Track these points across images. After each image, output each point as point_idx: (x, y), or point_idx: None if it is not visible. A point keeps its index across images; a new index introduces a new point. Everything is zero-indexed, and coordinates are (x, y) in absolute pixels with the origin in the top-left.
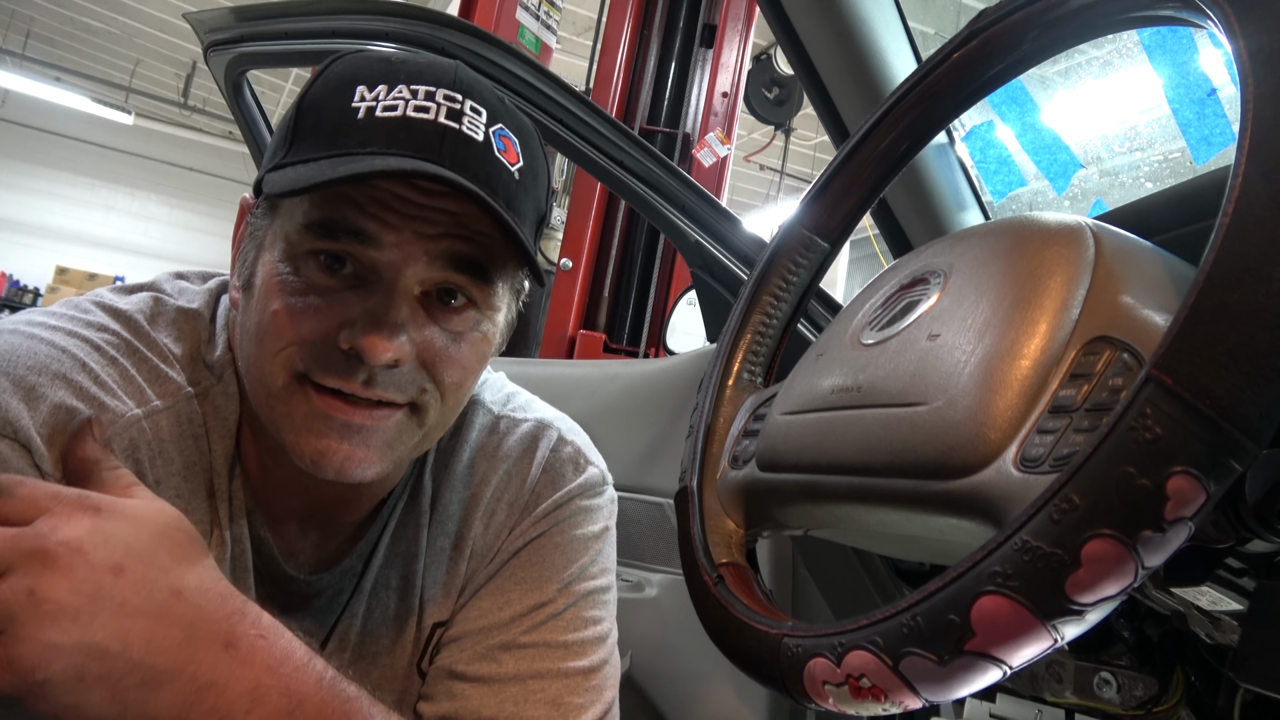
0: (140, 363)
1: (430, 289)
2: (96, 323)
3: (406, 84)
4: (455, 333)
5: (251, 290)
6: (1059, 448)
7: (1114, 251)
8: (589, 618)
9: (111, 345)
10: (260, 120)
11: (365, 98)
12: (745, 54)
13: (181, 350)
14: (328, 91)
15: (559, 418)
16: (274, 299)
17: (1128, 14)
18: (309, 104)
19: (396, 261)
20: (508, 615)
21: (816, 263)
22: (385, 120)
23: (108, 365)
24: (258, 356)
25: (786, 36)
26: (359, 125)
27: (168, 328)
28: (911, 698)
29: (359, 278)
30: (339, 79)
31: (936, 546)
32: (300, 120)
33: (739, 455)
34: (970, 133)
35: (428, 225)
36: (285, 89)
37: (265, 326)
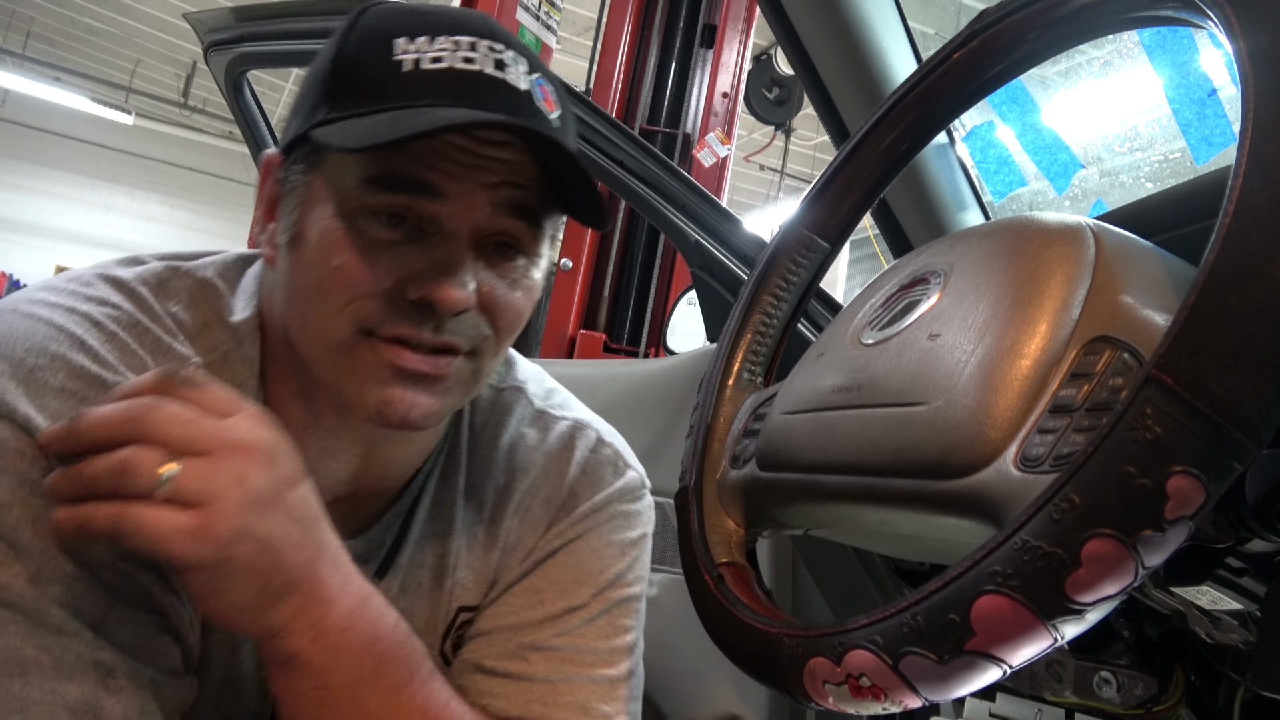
0: (141, 335)
1: (486, 239)
2: (96, 296)
3: (447, 34)
4: (510, 279)
5: (301, 248)
6: (1059, 447)
7: (1114, 251)
8: (620, 626)
9: (111, 319)
10: (260, 120)
11: (408, 50)
12: (745, 54)
13: (192, 318)
14: (364, 45)
15: (597, 419)
16: (335, 254)
17: (1128, 14)
18: (347, 57)
19: (459, 212)
20: (540, 615)
21: (817, 263)
22: (435, 72)
23: (106, 341)
24: (318, 312)
25: (786, 36)
26: (408, 78)
27: (177, 295)
28: (911, 697)
29: (418, 230)
30: (374, 32)
31: (936, 546)
32: (338, 75)
33: (739, 455)
34: (970, 133)
35: (487, 174)
36: (285, 89)
37: (327, 281)
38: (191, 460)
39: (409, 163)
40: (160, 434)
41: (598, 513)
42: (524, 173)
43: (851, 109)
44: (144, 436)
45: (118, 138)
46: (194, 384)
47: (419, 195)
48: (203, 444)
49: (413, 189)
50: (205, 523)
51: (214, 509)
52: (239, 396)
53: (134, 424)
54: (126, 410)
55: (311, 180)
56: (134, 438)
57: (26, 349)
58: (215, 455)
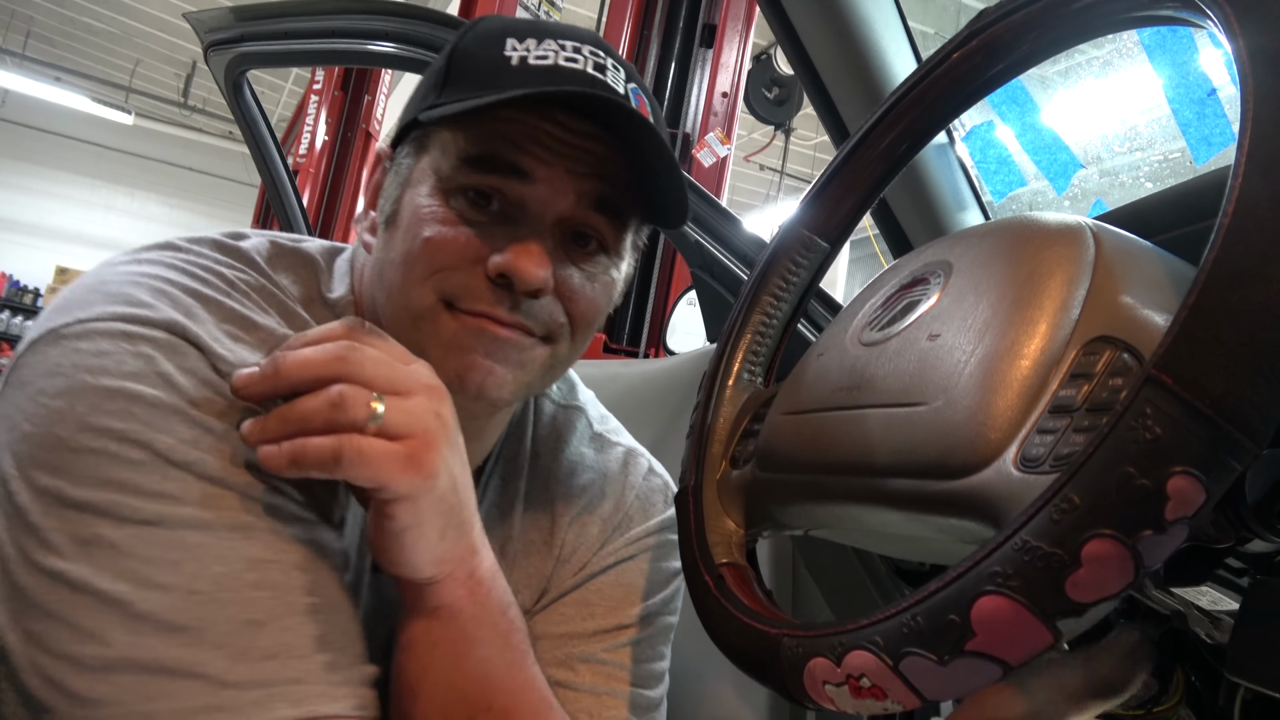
0: (269, 297)
1: (568, 230)
2: (225, 261)
3: (554, 39)
4: (588, 273)
5: (396, 224)
6: (1059, 448)
7: (1114, 251)
8: (659, 651)
9: (243, 281)
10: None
11: (516, 49)
12: (745, 54)
13: (299, 292)
14: (478, 43)
15: (644, 450)
16: (424, 227)
17: (1128, 14)
18: (460, 54)
19: (545, 197)
20: (590, 628)
21: (816, 263)
22: (539, 67)
23: (243, 297)
24: (404, 282)
25: (786, 36)
26: (513, 70)
27: (285, 270)
28: (912, 697)
29: (504, 214)
30: (489, 32)
31: (936, 546)
32: (452, 67)
33: (739, 455)
34: (970, 133)
35: (576, 163)
36: (285, 89)
37: (415, 253)
38: (393, 398)
39: (502, 145)
40: (365, 374)
41: (649, 537)
42: (613, 168)
43: (851, 109)
44: (350, 376)
45: (118, 138)
46: (378, 334)
47: (508, 176)
48: (401, 384)
49: (503, 170)
50: (414, 452)
51: (420, 439)
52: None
53: (341, 364)
54: (331, 352)
55: (416, 162)
56: (341, 377)
57: (183, 289)
58: (414, 394)
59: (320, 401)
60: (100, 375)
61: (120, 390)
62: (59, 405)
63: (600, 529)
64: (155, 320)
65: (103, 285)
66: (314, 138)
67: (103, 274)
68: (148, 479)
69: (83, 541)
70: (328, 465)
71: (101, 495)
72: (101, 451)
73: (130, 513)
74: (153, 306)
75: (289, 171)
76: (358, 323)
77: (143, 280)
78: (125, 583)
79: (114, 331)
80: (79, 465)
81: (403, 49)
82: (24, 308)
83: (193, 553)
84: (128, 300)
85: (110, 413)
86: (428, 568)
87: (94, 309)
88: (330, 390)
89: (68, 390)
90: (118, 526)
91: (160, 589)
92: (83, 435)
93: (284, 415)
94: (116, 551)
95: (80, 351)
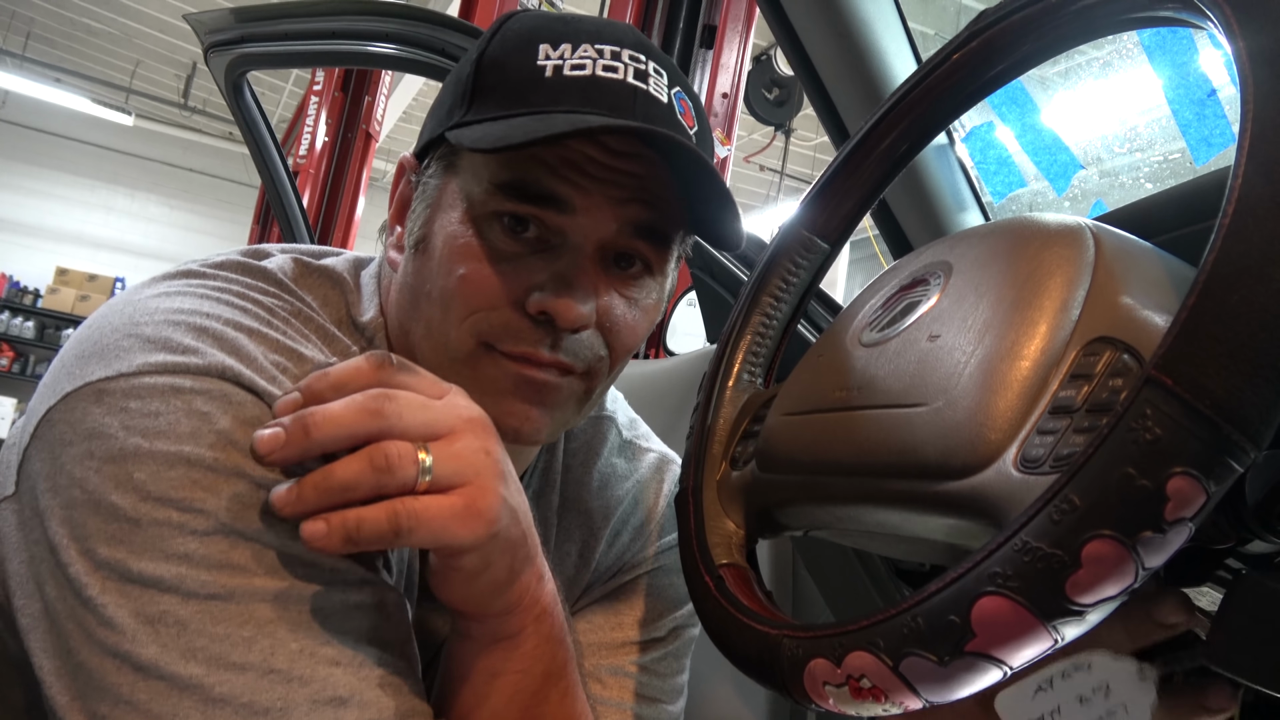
0: (307, 321)
1: (610, 253)
2: (256, 285)
3: (590, 43)
4: (631, 299)
5: (427, 251)
6: (1059, 448)
7: (1114, 252)
8: (683, 664)
9: (280, 307)
10: (260, 121)
11: (550, 56)
12: (745, 54)
13: (330, 314)
14: (508, 49)
15: (674, 454)
16: (458, 263)
17: (1128, 15)
18: (489, 61)
19: (585, 226)
20: (619, 638)
21: (817, 263)
22: (575, 79)
23: (283, 324)
24: (441, 322)
25: (786, 36)
26: (548, 83)
27: (313, 291)
28: (912, 698)
29: (543, 241)
30: (519, 36)
31: (936, 547)
32: (481, 77)
33: (739, 456)
34: (970, 133)
35: (616, 189)
36: (285, 89)
37: (451, 291)
38: (438, 444)
39: (539, 171)
40: (404, 424)
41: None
42: (655, 189)
43: (851, 109)
44: (388, 431)
45: (118, 139)
46: (408, 368)
47: (546, 207)
48: (443, 425)
49: (540, 200)
50: (472, 500)
51: (475, 486)
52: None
53: (376, 418)
54: (363, 406)
55: (444, 183)
56: (379, 433)
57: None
58: (458, 434)
59: (363, 465)
60: (155, 439)
61: (178, 455)
62: (114, 471)
63: (633, 539)
64: (205, 368)
65: (136, 328)
66: (314, 139)
67: (131, 311)
68: (214, 550)
69: (148, 620)
70: (385, 539)
71: (166, 569)
72: (165, 522)
73: (197, 587)
74: (198, 351)
75: (289, 172)
76: (384, 357)
77: (179, 318)
78: (198, 664)
79: (163, 388)
80: (140, 537)
81: (403, 50)
82: (24, 308)
83: (265, 629)
84: (169, 346)
85: (170, 480)
86: (499, 603)
87: (135, 359)
88: (373, 451)
89: (121, 455)
90: (185, 602)
91: (236, 669)
92: (144, 505)
93: (323, 484)
94: (185, 630)
95: (129, 412)
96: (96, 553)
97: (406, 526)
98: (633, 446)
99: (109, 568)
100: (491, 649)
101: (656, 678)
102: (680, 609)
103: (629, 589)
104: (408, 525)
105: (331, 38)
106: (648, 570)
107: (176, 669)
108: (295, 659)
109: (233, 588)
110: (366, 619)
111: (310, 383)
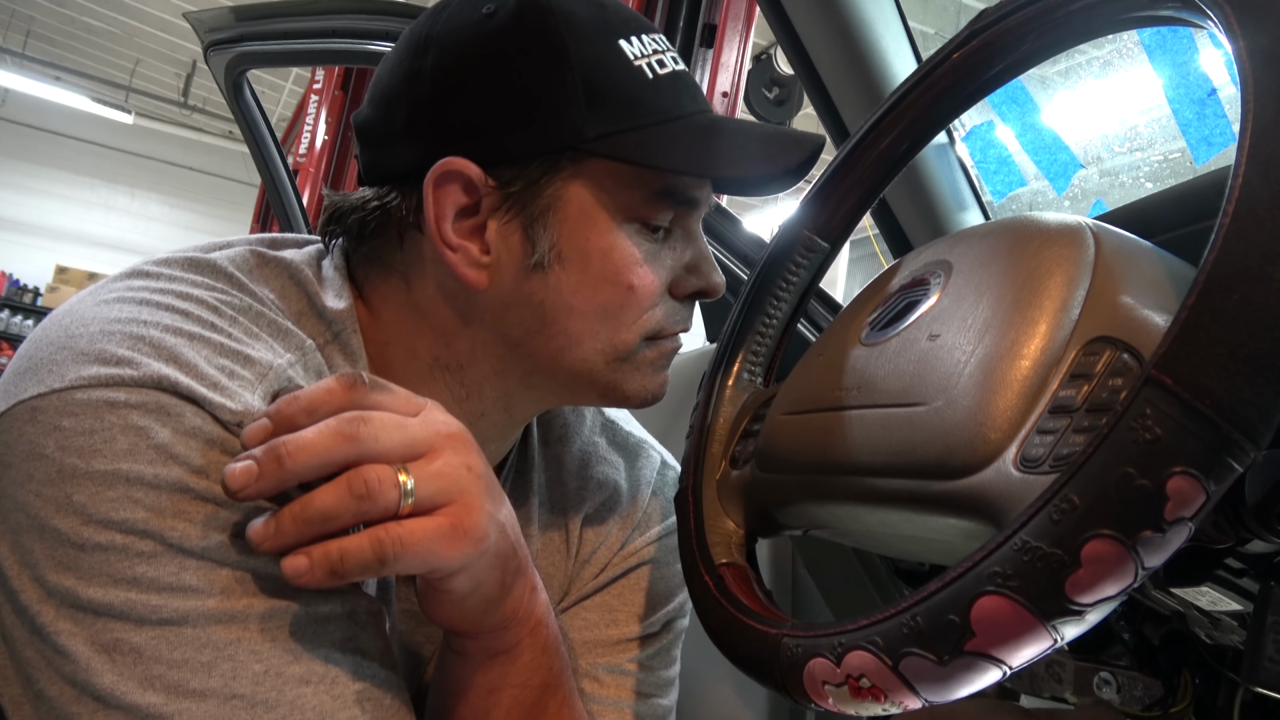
0: (258, 318)
1: None
2: (202, 282)
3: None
4: None
5: (566, 266)
6: (1059, 448)
7: (1114, 252)
8: (674, 656)
9: (226, 304)
10: (260, 120)
11: (632, 53)
12: (745, 54)
13: (287, 307)
14: (591, 44)
15: (652, 439)
16: (623, 274)
17: (1128, 14)
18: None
19: (700, 217)
20: (614, 635)
21: (817, 263)
22: (667, 77)
23: (231, 324)
24: (610, 331)
25: (786, 36)
26: (652, 86)
27: (268, 282)
28: (911, 698)
29: (669, 233)
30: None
31: (936, 547)
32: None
33: (739, 455)
34: (970, 133)
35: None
36: (285, 89)
37: (618, 303)
38: (416, 464)
39: (683, 179)
40: (382, 447)
41: (669, 537)
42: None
43: (851, 109)
44: (365, 455)
45: (118, 137)
46: (380, 386)
47: (690, 208)
48: (422, 444)
49: (688, 204)
50: (458, 521)
51: (460, 504)
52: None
53: (352, 443)
54: (337, 431)
55: (562, 193)
56: (356, 459)
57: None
58: (438, 452)
59: (342, 493)
60: (91, 458)
61: (116, 474)
62: (54, 495)
63: (620, 528)
64: (138, 380)
65: (71, 339)
66: (314, 137)
67: (68, 322)
68: (163, 572)
69: (103, 648)
70: (371, 569)
71: (116, 594)
72: (109, 546)
73: (149, 612)
74: (132, 362)
75: (289, 171)
76: (355, 376)
77: (114, 328)
78: (156, 693)
79: (95, 403)
80: (87, 563)
81: None
82: (24, 307)
83: (225, 651)
84: (101, 358)
85: (111, 501)
86: (493, 619)
87: (67, 374)
88: (352, 477)
89: (60, 477)
90: (138, 629)
91: (196, 696)
92: (86, 529)
93: (301, 515)
94: (141, 657)
95: (63, 431)
96: (46, 580)
97: (393, 555)
98: (614, 427)
99: (59, 595)
100: (488, 665)
101: (651, 673)
102: (672, 601)
103: (621, 584)
104: (394, 553)
105: (331, 37)
106: (640, 564)
107: (135, 698)
108: (259, 681)
109: (185, 611)
110: (338, 630)
111: (280, 408)
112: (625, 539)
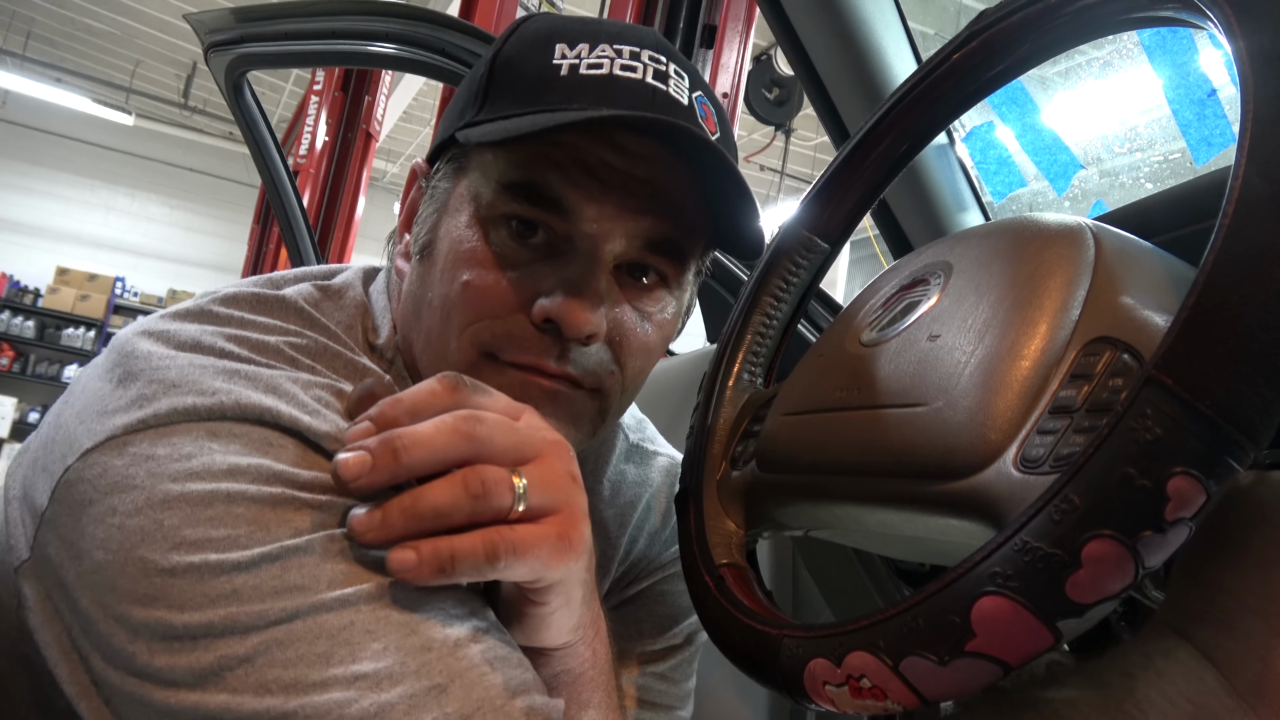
0: (334, 359)
1: (623, 264)
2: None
3: (609, 43)
4: (645, 312)
5: (432, 257)
6: (1059, 448)
7: (1114, 252)
8: (693, 670)
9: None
10: (261, 121)
11: (567, 55)
12: (745, 54)
13: (354, 339)
14: (524, 48)
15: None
16: (462, 269)
17: (1128, 15)
18: (503, 60)
19: (596, 237)
20: (638, 649)
21: (817, 263)
22: (591, 77)
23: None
24: (442, 332)
25: (786, 36)
26: (562, 81)
27: (336, 315)
28: (912, 698)
29: (551, 247)
30: (536, 35)
31: (937, 547)
32: (494, 76)
33: (739, 455)
34: (970, 133)
35: (629, 197)
36: (285, 89)
37: (453, 300)
38: (527, 468)
39: (550, 173)
40: (497, 448)
41: None
42: (673, 196)
43: (851, 109)
44: (481, 455)
45: (118, 138)
46: (482, 389)
47: (556, 212)
48: (530, 449)
49: (550, 205)
50: (565, 531)
51: (566, 514)
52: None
53: (470, 440)
54: (454, 428)
55: (453, 187)
56: (473, 457)
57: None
58: (544, 457)
59: (457, 491)
60: (188, 482)
61: (215, 494)
62: (139, 524)
63: (649, 545)
64: (242, 410)
65: (157, 372)
66: (314, 138)
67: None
68: (264, 579)
69: (208, 672)
70: (481, 570)
71: (215, 613)
72: (202, 566)
73: (254, 619)
74: (231, 393)
75: (289, 172)
76: (457, 379)
77: (205, 362)
78: (274, 696)
79: (196, 431)
80: (177, 589)
81: (403, 50)
82: (24, 308)
83: (340, 637)
84: (198, 389)
85: (209, 520)
86: (567, 636)
87: (159, 404)
88: (468, 475)
89: (149, 505)
90: (243, 640)
91: (317, 688)
92: (176, 553)
93: (411, 510)
94: (252, 666)
95: (157, 459)
96: (130, 617)
97: (505, 558)
98: (640, 450)
99: (149, 630)
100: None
101: (673, 684)
102: (693, 615)
103: (646, 596)
104: (506, 557)
105: (331, 38)
106: (663, 576)
107: (252, 707)
108: (380, 657)
109: (294, 608)
110: (447, 598)
111: (384, 410)
112: (655, 553)
